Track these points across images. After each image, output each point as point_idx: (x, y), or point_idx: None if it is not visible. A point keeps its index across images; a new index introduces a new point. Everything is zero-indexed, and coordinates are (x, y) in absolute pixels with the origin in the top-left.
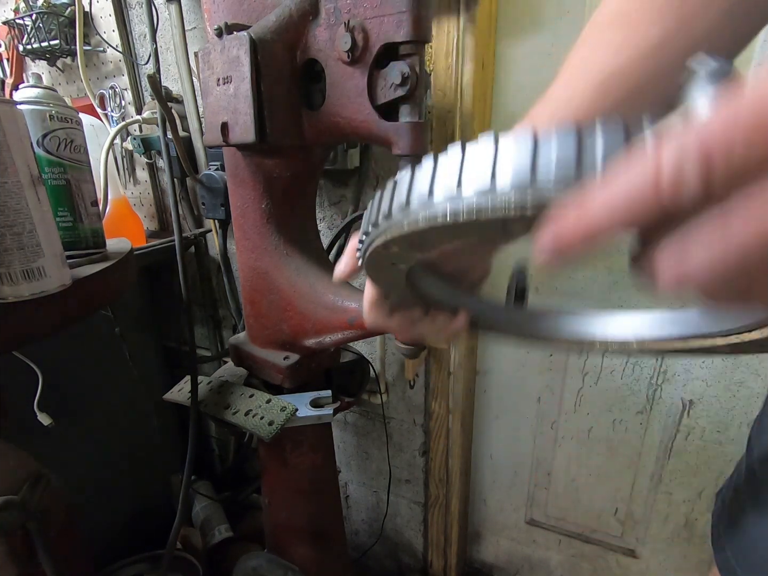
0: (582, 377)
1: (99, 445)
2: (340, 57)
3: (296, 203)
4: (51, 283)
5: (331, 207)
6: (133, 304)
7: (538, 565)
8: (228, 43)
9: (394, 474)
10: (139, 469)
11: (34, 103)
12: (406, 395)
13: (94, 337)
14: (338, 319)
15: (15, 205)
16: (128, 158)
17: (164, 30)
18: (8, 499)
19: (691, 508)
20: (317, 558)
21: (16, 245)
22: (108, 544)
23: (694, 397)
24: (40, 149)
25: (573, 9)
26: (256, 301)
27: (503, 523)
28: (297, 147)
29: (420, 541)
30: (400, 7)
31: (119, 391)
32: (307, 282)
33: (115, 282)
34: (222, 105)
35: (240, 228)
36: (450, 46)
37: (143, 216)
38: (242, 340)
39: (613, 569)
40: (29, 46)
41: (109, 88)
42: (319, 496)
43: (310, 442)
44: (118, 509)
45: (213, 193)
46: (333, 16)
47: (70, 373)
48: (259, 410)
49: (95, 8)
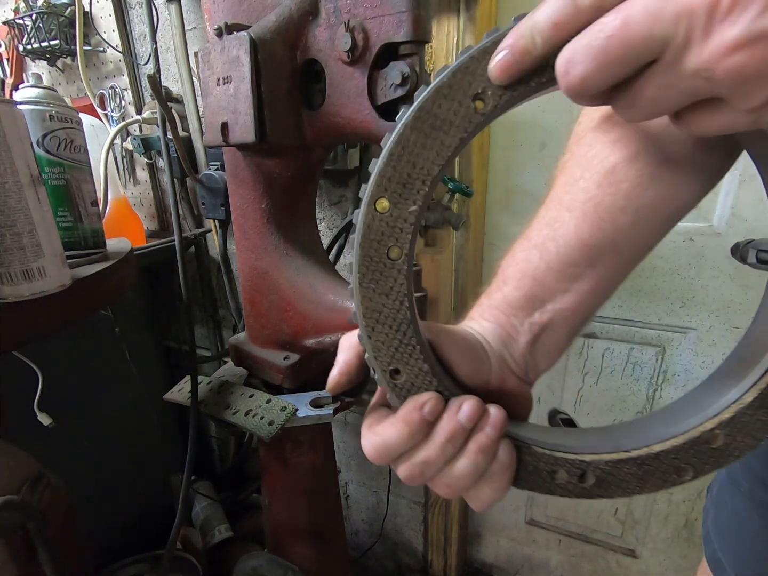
0: (582, 377)
1: (99, 445)
2: (340, 57)
3: (296, 203)
4: (51, 283)
5: (331, 207)
6: (133, 304)
7: (538, 565)
8: (228, 43)
9: (394, 474)
10: (139, 469)
11: (34, 103)
12: None
13: (94, 337)
14: (338, 319)
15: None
16: (128, 158)
17: (164, 30)
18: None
19: (691, 508)
20: (317, 558)
21: (16, 245)
22: (108, 544)
23: None
24: (40, 149)
25: None
26: (256, 301)
27: (503, 523)
28: (297, 147)
29: (420, 541)
30: (400, 7)
31: (119, 391)
32: (307, 282)
33: (115, 282)
34: (222, 105)
35: (240, 228)
36: (450, 46)
37: (143, 216)
38: (242, 340)
39: (613, 569)
40: (29, 46)
41: (109, 88)
42: (319, 496)
43: (310, 442)
44: (118, 509)
45: (213, 193)
46: (333, 16)
47: (70, 373)
48: (259, 410)
49: (95, 8)
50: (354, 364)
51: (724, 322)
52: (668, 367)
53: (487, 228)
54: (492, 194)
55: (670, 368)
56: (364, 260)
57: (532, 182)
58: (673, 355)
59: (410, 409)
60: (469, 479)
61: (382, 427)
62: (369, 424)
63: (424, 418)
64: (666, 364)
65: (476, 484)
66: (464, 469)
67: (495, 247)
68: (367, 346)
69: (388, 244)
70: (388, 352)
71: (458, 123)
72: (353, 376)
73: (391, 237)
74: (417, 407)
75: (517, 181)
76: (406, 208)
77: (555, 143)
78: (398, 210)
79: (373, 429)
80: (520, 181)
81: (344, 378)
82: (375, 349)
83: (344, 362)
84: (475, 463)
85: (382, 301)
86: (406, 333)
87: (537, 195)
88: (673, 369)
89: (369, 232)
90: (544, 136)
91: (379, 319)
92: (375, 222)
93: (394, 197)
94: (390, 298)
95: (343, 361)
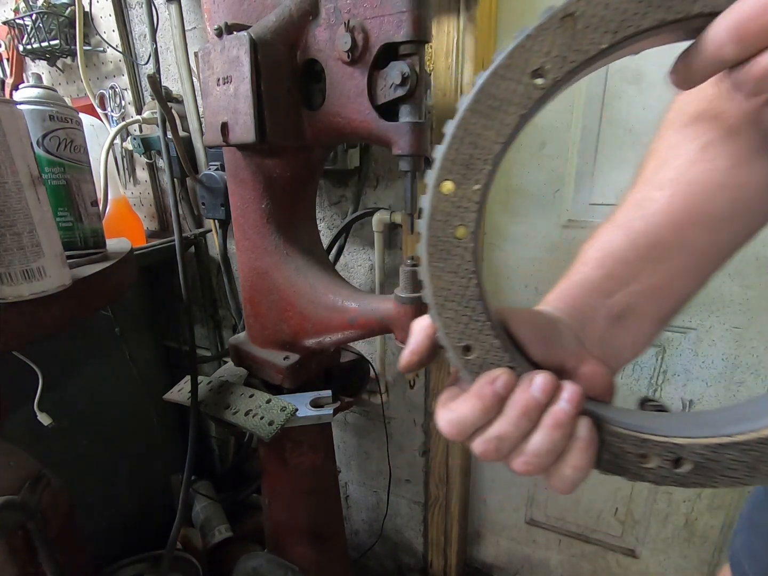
0: None
1: (99, 445)
2: (340, 57)
3: (296, 203)
4: (51, 283)
5: (331, 207)
6: (133, 304)
7: (538, 565)
8: (228, 43)
9: (394, 474)
10: (139, 469)
11: (34, 103)
12: (406, 395)
13: (94, 337)
14: (338, 319)
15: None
16: (128, 158)
17: (164, 30)
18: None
19: (691, 508)
20: (317, 558)
21: (16, 245)
22: (108, 544)
23: (694, 396)
24: (40, 149)
25: None
26: (256, 301)
27: (503, 523)
28: (297, 147)
29: (420, 541)
30: (400, 7)
31: (119, 391)
32: (307, 282)
33: (115, 282)
34: (222, 105)
35: (240, 228)
36: (450, 46)
37: (143, 216)
38: (242, 340)
39: (613, 569)
40: (29, 46)
41: (109, 88)
42: (319, 496)
43: (310, 442)
44: (118, 509)
45: (213, 193)
46: (333, 16)
47: (70, 373)
48: (259, 410)
49: (95, 8)
50: (425, 344)
51: (724, 322)
52: (668, 367)
53: (487, 228)
54: (492, 194)
55: (670, 368)
56: (432, 240)
57: (532, 182)
58: (672, 355)
59: (483, 384)
60: (547, 456)
61: (456, 404)
62: (443, 402)
63: (496, 392)
64: (666, 364)
65: (556, 463)
66: (540, 445)
67: (495, 247)
68: (438, 324)
69: (454, 223)
70: (458, 328)
71: (517, 101)
72: (424, 356)
73: (457, 217)
74: (489, 381)
75: (517, 181)
76: (470, 187)
77: (555, 143)
78: (462, 190)
79: (447, 405)
80: (520, 181)
81: (415, 357)
82: (445, 326)
83: (415, 343)
84: (552, 438)
85: (450, 279)
86: (476, 309)
87: (537, 195)
88: (673, 369)
89: (435, 213)
90: (544, 136)
91: (448, 296)
92: (441, 203)
93: (458, 178)
94: (458, 275)
95: (414, 342)
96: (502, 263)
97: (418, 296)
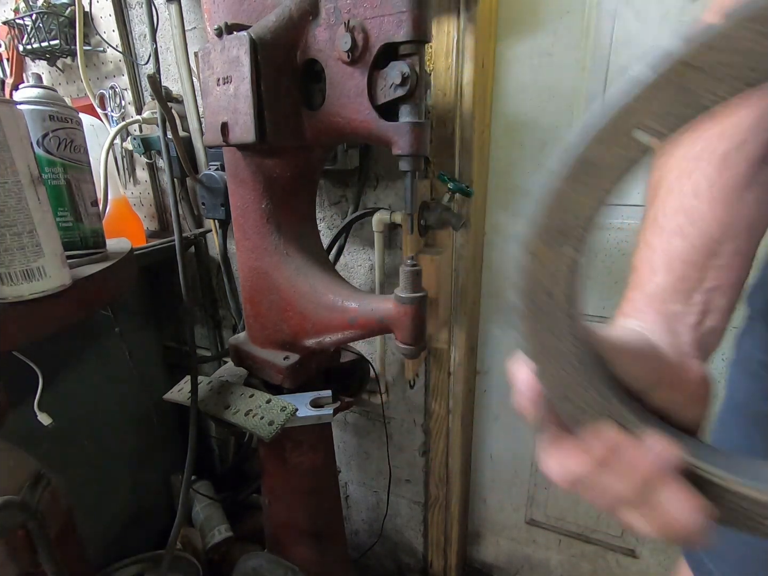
0: None
1: (99, 445)
2: (340, 57)
3: (296, 203)
4: (51, 283)
5: (331, 207)
6: (133, 304)
7: (538, 565)
8: (228, 43)
9: (394, 474)
10: (139, 469)
11: (34, 103)
12: (406, 395)
13: (94, 337)
14: (338, 319)
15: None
16: (128, 158)
17: (164, 30)
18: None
19: None
20: (317, 558)
21: (16, 245)
22: (108, 544)
23: None
24: (40, 149)
25: (573, 8)
26: (256, 301)
27: (503, 523)
28: (297, 147)
29: (420, 541)
30: (400, 7)
31: (119, 391)
32: (307, 282)
33: (115, 282)
34: (222, 105)
35: (240, 228)
36: (450, 46)
37: (143, 216)
38: (242, 340)
39: (613, 569)
40: (29, 46)
41: (109, 88)
42: (319, 496)
43: (310, 442)
44: (118, 509)
45: (213, 193)
46: (333, 16)
47: (70, 373)
48: (259, 410)
49: (95, 8)
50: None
51: None
52: None
53: (487, 228)
54: (492, 194)
55: None
56: (526, 303)
57: (532, 182)
58: None
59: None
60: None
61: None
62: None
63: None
64: None
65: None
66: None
67: (495, 247)
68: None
69: (550, 289)
70: (560, 384)
71: (618, 164)
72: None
73: (552, 281)
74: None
75: (517, 181)
76: (564, 252)
77: (555, 143)
78: (554, 254)
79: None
80: (520, 181)
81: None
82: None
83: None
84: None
85: (547, 339)
86: (574, 365)
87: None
88: None
89: (529, 278)
90: (544, 136)
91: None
92: (535, 267)
93: (550, 243)
94: (554, 335)
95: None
96: (502, 263)
97: (418, 296)
